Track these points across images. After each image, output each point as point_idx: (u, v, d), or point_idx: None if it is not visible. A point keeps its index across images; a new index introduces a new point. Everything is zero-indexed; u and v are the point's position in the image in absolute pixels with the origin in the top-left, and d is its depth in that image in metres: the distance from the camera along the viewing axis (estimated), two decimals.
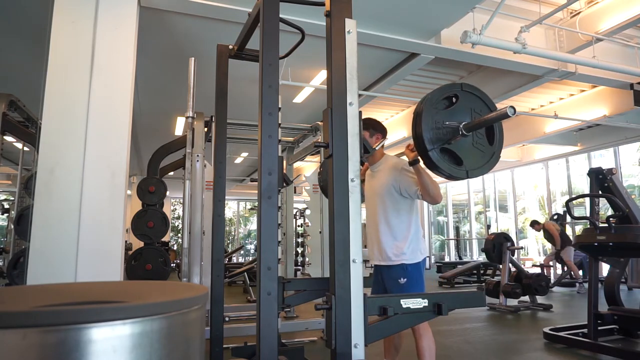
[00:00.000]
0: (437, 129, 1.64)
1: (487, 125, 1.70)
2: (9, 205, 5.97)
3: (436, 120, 1.65)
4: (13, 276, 3.52)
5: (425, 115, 1.64)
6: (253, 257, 13.81)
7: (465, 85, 1.73)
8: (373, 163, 2.50)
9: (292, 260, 5.61)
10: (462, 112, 1.70)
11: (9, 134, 4.02)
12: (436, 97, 1.68)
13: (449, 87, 1.72)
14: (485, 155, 1.72)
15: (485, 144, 1.73)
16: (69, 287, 1.53)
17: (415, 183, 2.24)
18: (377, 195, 2.40)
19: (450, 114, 1.68)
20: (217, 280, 2.31)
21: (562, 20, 5.15)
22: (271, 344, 1.39)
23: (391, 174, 2.35)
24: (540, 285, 5.70)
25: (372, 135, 2.47)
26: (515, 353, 3.65)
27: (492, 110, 1.75)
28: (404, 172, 2.30)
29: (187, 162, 3.66)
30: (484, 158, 1.71)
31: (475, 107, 1.72)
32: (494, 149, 1.75)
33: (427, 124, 1.63)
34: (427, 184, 2.17)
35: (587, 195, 4.42)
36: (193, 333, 1.07)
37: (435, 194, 2.20)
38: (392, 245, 2.33)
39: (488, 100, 1.77)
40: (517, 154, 10.92)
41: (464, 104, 1.70)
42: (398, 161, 2.41)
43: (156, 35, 4.40)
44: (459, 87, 1.72)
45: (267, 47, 1.57)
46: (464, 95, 1.71)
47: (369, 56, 4.99)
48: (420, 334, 2.26)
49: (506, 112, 1.53)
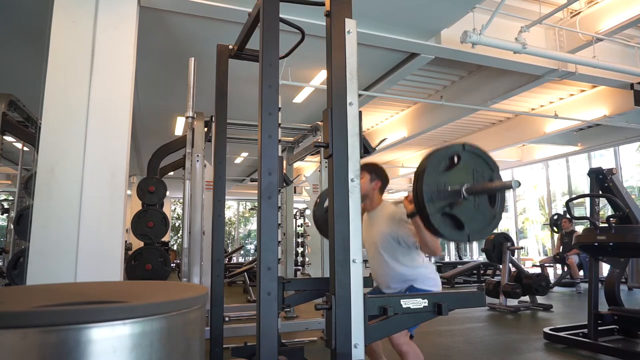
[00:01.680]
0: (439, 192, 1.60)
1: (488, 193, 1.67)
2: (9, 205, 5.96)
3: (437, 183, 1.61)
4: (13, 276, 3.51)
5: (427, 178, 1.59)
6: (253, 257, 13.82)
7: (467, 145, 1.68)
8: (371, 209, 2.46)
9: (292, 260, 5.61)
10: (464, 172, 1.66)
11: (9, 134, 4.02)
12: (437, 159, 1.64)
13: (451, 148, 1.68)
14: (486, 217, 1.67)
15: (487, 206, 1.68)
16: (69, 287, 1.53)
17: (414, 234, 2.20)
18: (376, 244, 2.38)
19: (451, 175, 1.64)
20: (217, 280, 2.31)
21: (562, 20, 5.15)
22: (271, 344, 1.39)
23: (389, 223, 2.32)
24: (540, 285, 5.70)
25: (372, 180, 2.42)
26: (515, 353, 3.65)
27: (494, 170, 1.72)
28: (402, 223, 2.26)
29: (187, 162, 3.66)
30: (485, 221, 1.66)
31: (477, 168, 1.68)
32: (495, 211, 1.70)
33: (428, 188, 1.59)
34: (426, 238, 2.13)
35: (587, 195, 4.41)
36: (193, 333, 1.07)
37: (434, 247, 2.17)
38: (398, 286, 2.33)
39: (490, 160, 1.72)
40: (517, 154, 10.92)
41: (466, 164, 1.66)
42: (396, 210, 2.35)
43: (156, 35, 4.40)
44: (460, 147, 1.69)
45: (267, 47, 1.57)
46: (465, 155, 1.67)
47: (369, 56, 4.99)
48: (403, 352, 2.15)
49: (510, 185, 1.50)
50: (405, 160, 12.14)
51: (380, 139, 8.67)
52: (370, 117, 8.59)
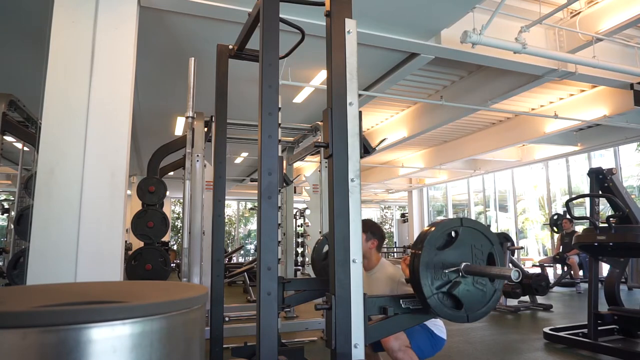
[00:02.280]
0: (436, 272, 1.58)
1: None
2: (9, 205, 5.96)
3: (435, 263, 1.59)
4: (13, 276, 3.51)
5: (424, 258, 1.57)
6: (253, 257, 13.82)
7: (465, 220, 1.66)
8: (369, 268, 2.47)
9: (292, 260, 5.61)
10: (462, 248, 1.64)
11: (9, 134, 4.01)
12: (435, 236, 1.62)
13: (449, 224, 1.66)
14: (486, 294, 1.64)
15: (486, 282, 1.64)
16: (69, 287, 1.53)
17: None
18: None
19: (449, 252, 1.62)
20: (217, 280, 2.31)
21: (562, 20, 5.15)
22: (271, 344, 1.39)
23: (390, 285, 2.34)
24: (540, 285, 5.70)
25: (369, 239, 2.42)
26: (515, 353, 3.65)
27: (493, 244, 1.68)
28: (401, 287, 2.28)
29: (187, 162, 3.66)
30: (484, 298, 1.63)
31: (475, 243, 1.66)
32: (495, 286, 1.67)
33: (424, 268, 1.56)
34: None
35: (587, 195, 4.41)
36: (193, 333, 1.07)
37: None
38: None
39: (488, 233, 1.69)
40: (517, 154, 10.92)
41: (464, 240, 1.64)
42: (395, 272, 2.38)
43: (156, 35, 4.40)
44: (458, 222, 1.66)
45: (267, 47, 1.57)
46: (463, 231, 1.65)
47: (369, 56, 4.99)
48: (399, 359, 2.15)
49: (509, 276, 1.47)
50: (405, 160, 12.14)
51: (380, 139, 8.67)
52: (370, 117, 8.59)
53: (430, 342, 2.31)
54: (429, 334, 2.31)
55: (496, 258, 1.70)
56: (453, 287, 1.58)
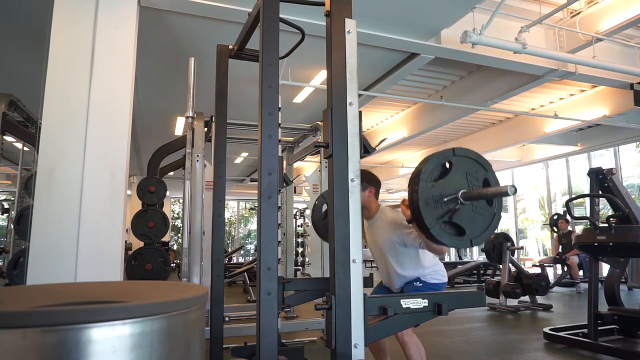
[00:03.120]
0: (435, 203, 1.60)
1: (484, 198, 1.66)
2: (9, 205, 5.96)
3: (433, 194, 1.60)
4: (13, 276, 3.51)
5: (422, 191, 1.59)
6: (253, 257, 13.82)
7: (457, 149, 1.67)
8: (369, 217, 2.48)
9: (292, 260, 5.61)
10: (458, 178, 1.66)
11: (9, 134, 4.01)
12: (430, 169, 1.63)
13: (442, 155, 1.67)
14: (486, 219, 1.66)
15: (485, 206, 1.66)
16: (69, 287, 1.53)
17: (417, 236, 2.23)
18: (382, 250, 2.41)
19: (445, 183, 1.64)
20: (217, 280, 2.31)
21: (562, 20, 5.15)
22: (271, 344, 1.39)
23: (392, 230, 2.34)
24: (540, 285, 5.70)
25: (365, 188, 2.42)
26: (515, 353, 3.65)
27: (487, 169, 1.71)
28: (403, 229, 2.29)
29: (187, 162, 3.66)
30: (485, 222, 1.66)
31: (470, 171, 1.68)
32: (494, 209, 1.69)
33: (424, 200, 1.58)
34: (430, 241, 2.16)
35: (587, 195, 4.41)
36: (193, 333, 1.07)
37: (439, 248, 2.21)
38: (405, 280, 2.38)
39: (482, 160, 1.71)
40: (517, 154, 10.92)
41: (459, 169, 1.66)
42: (395, 217, 2.38)
43: (156, 35, 4.39)
44: (451, 153, 1.67)
45: (267, 47, 1.57)
46: (457, 161, 1.66)
47: (369, 56, 4.98)
48: (405, 342, 2.23)
49: (506, 191, 1.49)
50: (405, 160, 12.14)
51: (380, 139, 8.67)
52: (370, 117, 8.59)
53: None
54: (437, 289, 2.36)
55: (491, 182, 1.72)
56: (453, 215, 1.61)
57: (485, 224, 1.68)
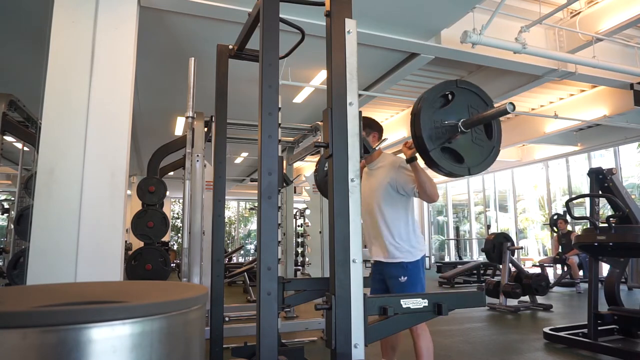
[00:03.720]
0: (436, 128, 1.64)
1: (485, 121, 1.70)
2: (9, 205, 5.96)
3: (434, 119, 1.64)
4: (13, 276, 3.51)
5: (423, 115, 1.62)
6: (253, 257, 13.81)
7: (460, 81, 1.72)
8: (370, 162, 2.50)
9: (292, 260, 5.61)
10: (459, 108, 1.69)
11: (9, 134, 4.01)
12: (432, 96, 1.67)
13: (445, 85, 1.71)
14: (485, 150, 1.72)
15: (485, 139, 1.73)
16: (69, 287, 1.53)
17: (412, 181, 2.24)
18: (374, 193, 2.40)
19: (447, 111, 1.67)
20: (217, 280, 2.31)
21: (562, 20, 5.15)
22: (271, 344, 1.39)
23: (389, 171, 2.36)
24: (540, 285, 5.70)
25: (369, 134, 2.48)
26: (515, 353, 3.65)
27: (489, 105, 1.75)
28: (402, 170, 2.31)
29: (187, 162, 3.66)
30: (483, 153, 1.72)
31: (472, 103, 1.72)
32: (494, 143, 1.75)
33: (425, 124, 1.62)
34: (424, 181, 2.18)
35: (587, 195, 4.41)
36: (193, 333, 1.07)
37: (432, 193, 2.21)
38: (392, 241, 2.35)
39: (484, 94, 1.76)
40: (517, 154, 10.92)
41: (461, 101, 1.70)
42: (395, 159, 2.41)
43: (156, 35, 4.39)
44: (454, 84, 1.71)
45: (267, 47, 1.57)
46: (459, 92, 1.70)
47: (369, 56, 4.98)
48: (418, 334, 2.26)
49: (505, 109, 1.52)
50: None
51: None
52: None
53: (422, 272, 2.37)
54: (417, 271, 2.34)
55: None
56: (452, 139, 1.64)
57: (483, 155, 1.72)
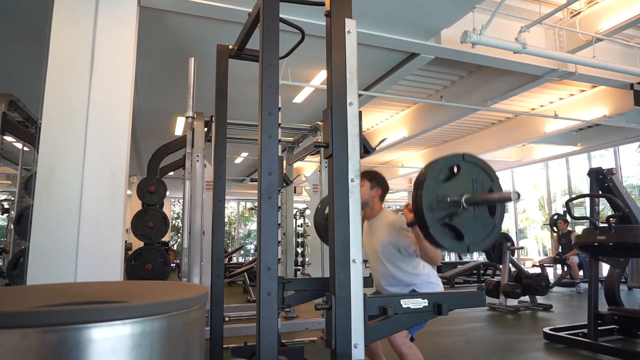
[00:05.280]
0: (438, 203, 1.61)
1: (488, 204, 1.67)
2: (9, 205, 5.96)
3: (437, 194, 1.61)
4: (13, 276, 3.51)
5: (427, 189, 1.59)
6: (253, 257, 13.81)
7: (467, 155, 1.68)
8: (372, 217, 2.47)
9: (292, 260, 5.61)
10: (464, 183, 1.66)
11: (9, 134, 4.01)
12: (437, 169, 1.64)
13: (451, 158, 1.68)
14: (486, 228, 1.67)
15: (487, 216, 1.66)
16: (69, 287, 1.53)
17: (414, 243, 2.21)
18: (377, 252, 2.40)
19: (451, 185, 1.64)
20: (217, 280, 2.31)
21: (562, 20, 5.15)
22: (271, 344, 1.39)
23: (389, 232, 2.33)
24: (540, 285, 5.70)
25: (372, 188, 2.43)
26: (515, 353, 3.65)
27: (493, 180, 1.72)
28: (402, 232, 2.28)
29: (187, 162, 3.66)
30: (484, 231, 1.67)
31: (477, 178, 1.68)
32: (495, 221, 1.69)
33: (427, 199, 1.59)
34: (426, 247, 2.13)
35: (587, 195, 4.41)
36: (193, 333, 1.07)
37: (434, 257, 2.18)
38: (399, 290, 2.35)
39: (489, 169, 1.71)
40: (517, 154, 10.92)
41: (466, 175, 1.67)
42: (396, 219, 2.37)
43: (156, 35, 4.39)
44: (460, 158, 1.67)
45: (267, 47, 1.57)
46: (465, 166, 1.67)
47: (369, 56, 4.98)
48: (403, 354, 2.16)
49: (509, 197, 1.49)
50: (405, 160, 12.14)
51: (380, 139, 8.67)
52: (370, 117, 8.59)
53: None
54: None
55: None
56: (454, 217, 1.61)
57: (485, 233, 1.67)
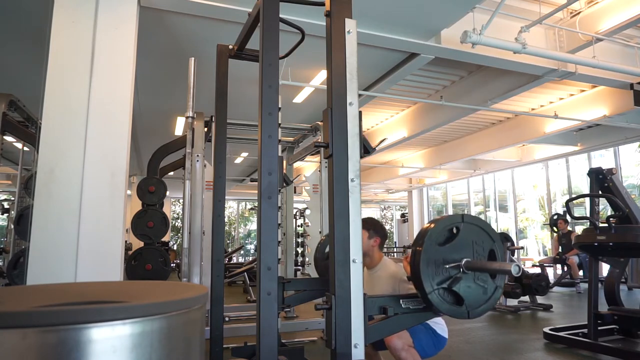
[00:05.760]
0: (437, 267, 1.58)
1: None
2: (9, 205, 5.96)
3: (435, 258, 1.59)
4: (13, 276, 3.51)
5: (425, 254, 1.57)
6: (253, 257, 13.81)
7: (466, 216, 1.67)
8: (371, 266, 2.48)
9: (292, 260, 5.60)
10: (463, 245, 1.64)
11: (9, 134, 4.01)
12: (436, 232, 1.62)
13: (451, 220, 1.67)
14: (487, 291, 1.64)
15: (487, 278, 1.64)
16: (69, 287, 1.53)
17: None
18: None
19: (450, 248, 1.62)
20: (217, 280, 2.31)
21: (562, 20, 5.15)
22: (271, 344, 1.39)
23: (390, 283, 2.34)
24: (540, 285, 5.70)
25: (371, 237, 2.43)
26: (515, 353, 3.65)
27: (494, 240, 1.69)
28: (403, 284, 2.28)
29: (187, 162, 3.66)
30: (485, 294, 1.64)
31: (476, 240, 1.66)
32: (497, 282, 1.67)
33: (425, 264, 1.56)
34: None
35: (587, 195, 4.41)
36: (193, 333, 1.07)
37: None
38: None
39: (490, 229, 1.69)
40: (517, 154, 10.92)
41: (465, 237, 1.65)
42: (397, 271, 2.38)
43: (156, 35, 4.39)
44: (460, 219, 1.66)
45: (267, 47, 1.57)
46: (465, 227, 1.65)
47: (369, 56, 4.98)
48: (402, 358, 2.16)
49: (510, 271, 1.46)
50: (405, 160, 12.14)
51: (380, 139, 8.67)
52: (370, 117, 8.59)
53: (432, 341, 2.31)
54: (431, 333, 2.32)
55: (497, 255, 1.70)
56: (454, 283, 1.58)
57: (485, 297, 1.64)
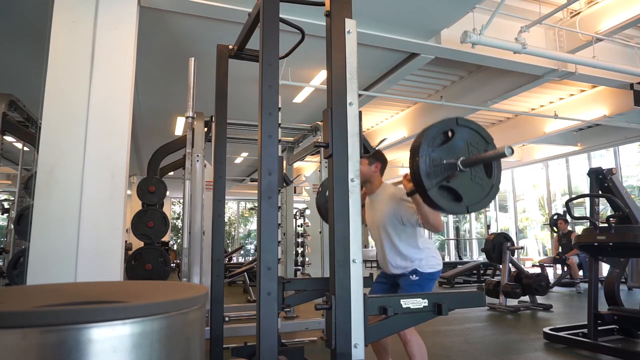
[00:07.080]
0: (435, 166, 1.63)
1: (483, 163, 1.69)
2: (9, 205, 5.96)
3: (433, 158, 1.63)
4: (13, 276, 3.51)
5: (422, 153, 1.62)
6: (253, 257, 13.81)
7: (460, 119, 1.71)
8: (372, 192, 2.49)
9: (292, 260, 5.61)
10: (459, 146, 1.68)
11: (9, 134, 4.01)
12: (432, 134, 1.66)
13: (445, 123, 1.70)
14: (484, 189, 1.70)
15: (484, 177, 1.70)
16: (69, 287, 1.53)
17: (415, 212, 2.23)
18: (380, 226, 2.41)
19: (446, 149, 1.66)
20: (217, 280, 2.31)
21: (562, 20, 5.15)
22: (271, 344, 1.39)
23: (390, 204, 2.36)
24: (540, 285, 5.70)
25: (372, 163, 2.45)
26: (515, 353, 3.65)
27: (488, 142, 1.74)
28: (403, 203, 2.30)
29: (187, 162, 3.66)
30: (483, 192, 1.70)
31: (471, 141, 1.71)
32: (493, 181, 1.73)
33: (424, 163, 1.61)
34: (427, 214, 2.16)
35: (587, 195, 4.41)
36: (193, 333, 1.07)
37: (436, 223, 2.21)
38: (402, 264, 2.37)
39: (484, 132, 1.75)
40: (517, 154, 10.92)
41: (460, 138, 1.69)
42: (396, 191, 2.40)
43: (156, 35, 4.40)
44: (454, 122, 1.71)
45: (267, 47, 1.57)
46: (459, 130, 1.69)
47: (369, 56, 4.99)
48: (407, 340, 2.24)
49: (503, 152, 1.51)
50: (405, 160, 12.14)
51: (380, 139, 8.67)
52: (370, 117, 8.60)
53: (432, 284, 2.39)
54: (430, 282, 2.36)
55: None
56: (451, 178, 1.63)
57: (482, 194, 1.70)
